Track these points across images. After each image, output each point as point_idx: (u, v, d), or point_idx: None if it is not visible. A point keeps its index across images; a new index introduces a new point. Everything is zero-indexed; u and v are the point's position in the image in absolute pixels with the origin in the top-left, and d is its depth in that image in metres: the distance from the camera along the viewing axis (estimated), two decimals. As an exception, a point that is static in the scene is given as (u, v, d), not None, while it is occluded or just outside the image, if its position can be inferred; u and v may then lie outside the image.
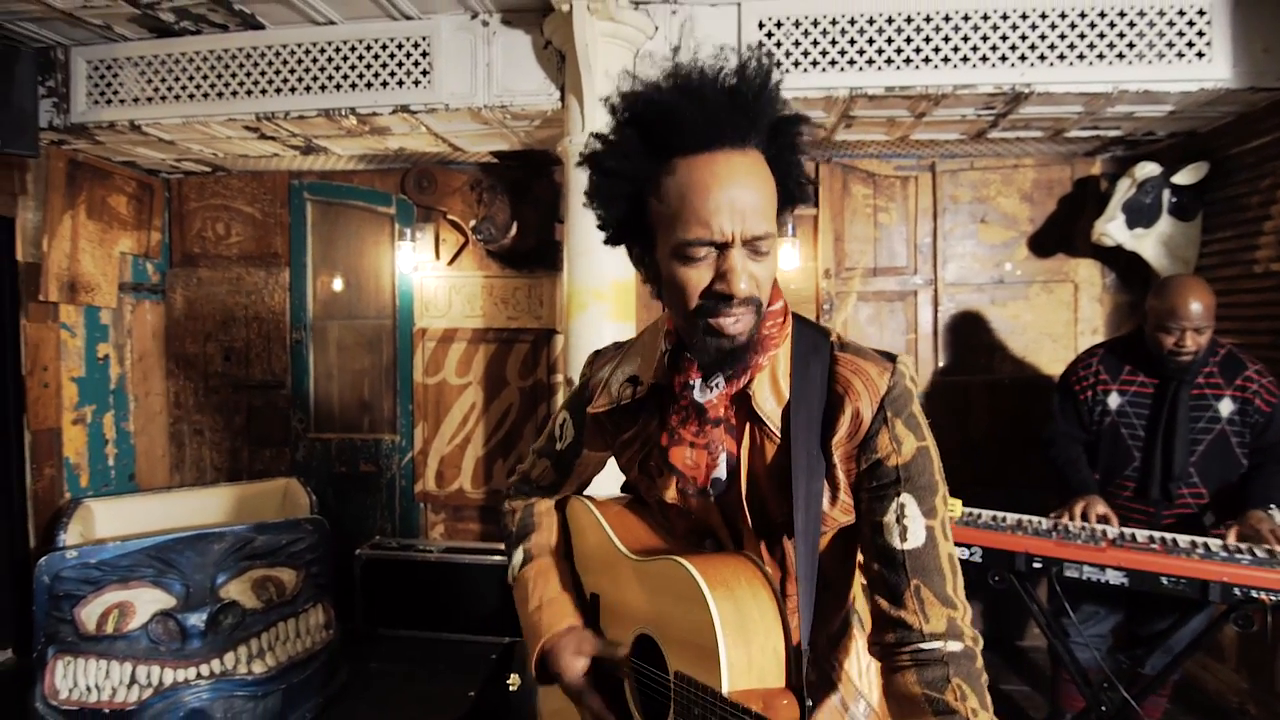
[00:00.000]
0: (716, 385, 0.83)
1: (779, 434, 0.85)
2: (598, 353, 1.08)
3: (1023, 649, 3.13)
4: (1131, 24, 2.31)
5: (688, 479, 0.86)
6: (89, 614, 2.34)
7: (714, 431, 0.84)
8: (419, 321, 3.43)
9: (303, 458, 3.50)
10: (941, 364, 3.27)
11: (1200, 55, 2.31)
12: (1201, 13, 2.30)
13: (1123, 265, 3.09)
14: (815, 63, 2.40)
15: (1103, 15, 2.31)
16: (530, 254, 3.33)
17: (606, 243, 0.88)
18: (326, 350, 3.54)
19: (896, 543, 0.80)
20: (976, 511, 2.17)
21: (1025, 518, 2.12)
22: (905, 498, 0.80)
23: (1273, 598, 1.66)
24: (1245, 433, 2.02)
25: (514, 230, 3.13)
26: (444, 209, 3.34)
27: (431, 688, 2.82)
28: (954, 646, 0.78)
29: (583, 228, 2.36)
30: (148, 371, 3.51)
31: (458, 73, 2.53)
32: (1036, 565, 1.90)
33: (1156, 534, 1.95)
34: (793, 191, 0.84)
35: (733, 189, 0.75)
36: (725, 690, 0.74)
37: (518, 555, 1.08)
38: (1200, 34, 2.31)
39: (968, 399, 3.24)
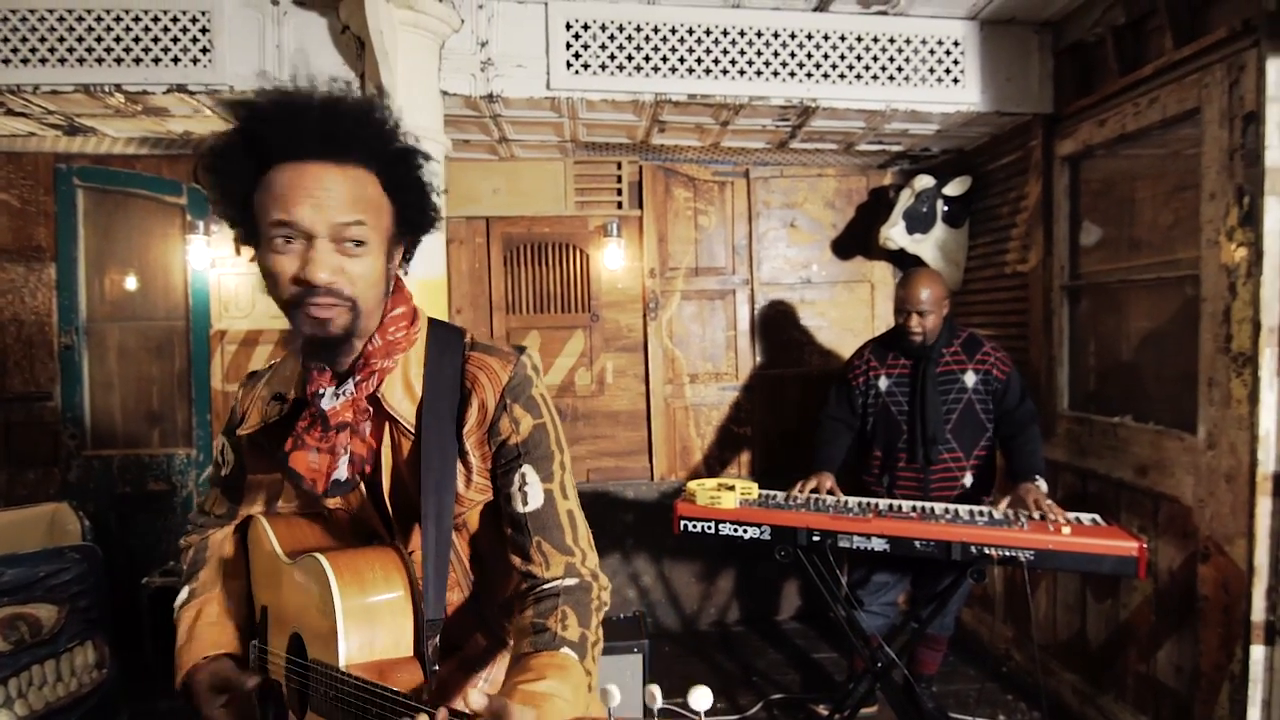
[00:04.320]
0: (345, 392, 0.89)
1: (413, 430, 0.91)
2: (252, 374, 1.09)
3: (835, 620, 3.38)
4: (900, 50, 2.57)
5: (308, 482, 0.89)
6: None
7: (338, 436, 0.89)
8: (218, 323, 3.14)
9: (77, 479, 3.09)
10: (759, 358, 3.47)
11: (956, 81, 2.62)
12: (956, 43, 2.60)
13: (909, 267, 3.43)
14: (621, 67, 2.46)
15: (876, 40, 2.56)
16: (346, 251, 3.15)
17: (237, 241, 0.90)
18: (105, 356, 3.14)
19: (520, 507, 0.91)
20: (771, 493, 2.33)
21: (816, 497, 2.31)
22: (526, 468, 0.91)
23: (999, 553, 1.92)
24: (988, 400, 2.34)
25: (324, 225, 2.95)
26: (246, 201, 3.08)
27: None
28: (570, 582, 0.89)
29: (385, 222, 2.26)
30: None
31: (243, 53, 2.33)
32: (815, 538, 2.07)
33: (921, 504, 2.19)
34: (414, 219, 0.91)
35: (320, 189, 0.81)
36: (342, 665, 0.81)
37: (181, 596, 1.05)
38: (955, 62, 2.61)
39: (783, 389, 3.47)
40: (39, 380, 3.07)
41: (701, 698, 0.51)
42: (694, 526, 2.19)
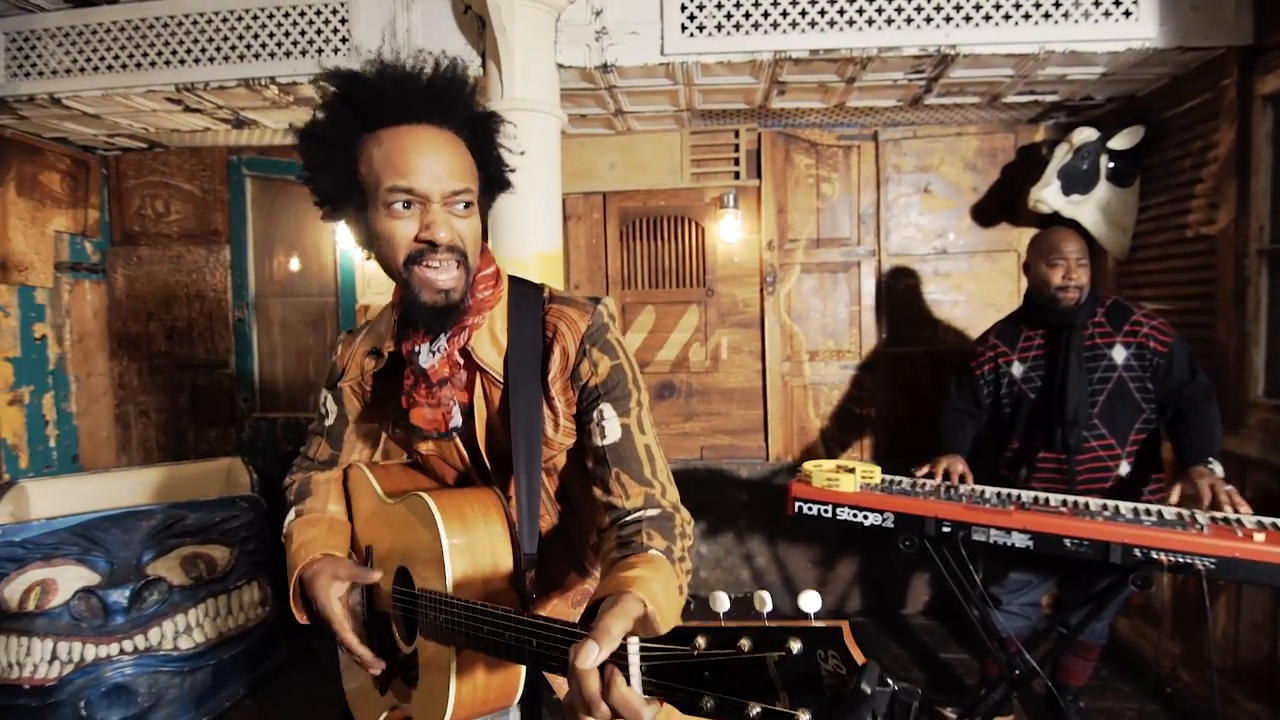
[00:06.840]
0: (439, 349, 0.94)
1: (502, 380, 0.97)
2: (348, 331, 1.16)
3: (968, 619, 3.14)
4: (1058, -18, 2.27)
5: (430, 433, 0.97)
6: (11, 591, 2.32)
7: (441, 391, 0.95)
8: (362, 298, 3.40)
9: (248, 437, 3.48)
10: (885, 335, 3.25)
11: (1127, 14, 2.27)
12: (1130, -30, 2.26)
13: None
14: (738, 26, 2.35)
15: (1029, -26, 2.27)
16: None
17: (324, 218, 0.95)
18: (270, 328, 3.50)
19: (599, 441, 0.95)
20: (896, 478, 2.17)
21: (948, 485, 2.11)
22: (604, 405, 0.96)
23: (1171, 558, 1.66)
24: (1145, 378, 2.02)
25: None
26: (384, 184, 3.30)
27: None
28: (651, 512, 0.91)
29: (503, 200, 2.32)
30: (89, 352, 3.47)
31: (377, 39, 2.47)
32: (945, 529, 1.90)
33: (1070, 498, 1.95)
34: (493, 177, 0.98)
35: (430, 153, 0.87)
36: (449, 591, 0.86)
37: (290, 516, 1.12)
38: (1128, -8, 2.26)
39: (911, 369, 3.23)
40: (218, 349, 3.48)
41: (810, 600, 0.51)
42: (809, 509, 2.08)
